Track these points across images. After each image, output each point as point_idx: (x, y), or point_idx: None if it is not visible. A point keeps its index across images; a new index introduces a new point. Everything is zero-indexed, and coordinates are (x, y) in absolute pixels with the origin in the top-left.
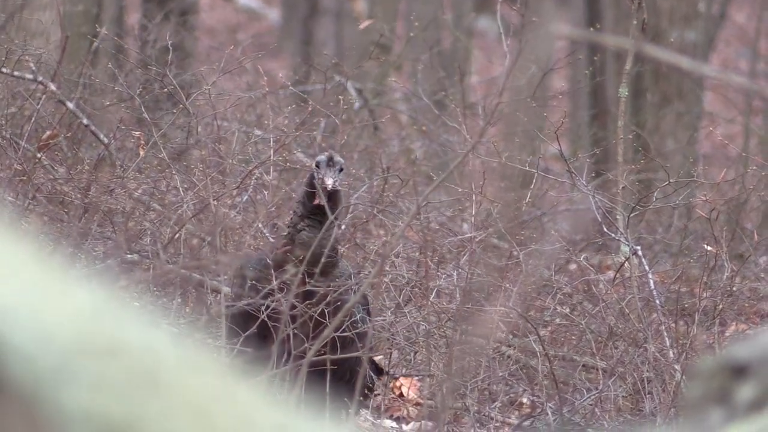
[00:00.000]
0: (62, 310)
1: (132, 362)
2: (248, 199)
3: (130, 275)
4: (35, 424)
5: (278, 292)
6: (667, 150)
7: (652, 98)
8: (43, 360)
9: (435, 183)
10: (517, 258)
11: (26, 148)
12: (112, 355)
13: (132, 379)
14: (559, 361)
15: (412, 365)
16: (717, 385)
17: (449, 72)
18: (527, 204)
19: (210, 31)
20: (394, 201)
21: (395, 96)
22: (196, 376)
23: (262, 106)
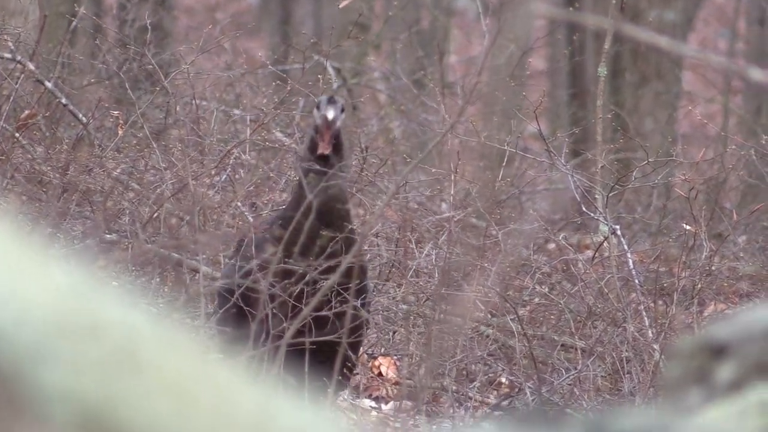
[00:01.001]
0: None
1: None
2: (227, 179)
3: (108, 255)
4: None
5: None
6: (646, 129)
7: (631, 78)
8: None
9: (414, 162)
10: (496, 237)
11: (4, 127)
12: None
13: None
14: (537, 341)
15: (391, 345)
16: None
17: (428, 51)
18: (506, 183)
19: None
20: (373, 180)
21: (374, 75)
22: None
23: (240, 85)
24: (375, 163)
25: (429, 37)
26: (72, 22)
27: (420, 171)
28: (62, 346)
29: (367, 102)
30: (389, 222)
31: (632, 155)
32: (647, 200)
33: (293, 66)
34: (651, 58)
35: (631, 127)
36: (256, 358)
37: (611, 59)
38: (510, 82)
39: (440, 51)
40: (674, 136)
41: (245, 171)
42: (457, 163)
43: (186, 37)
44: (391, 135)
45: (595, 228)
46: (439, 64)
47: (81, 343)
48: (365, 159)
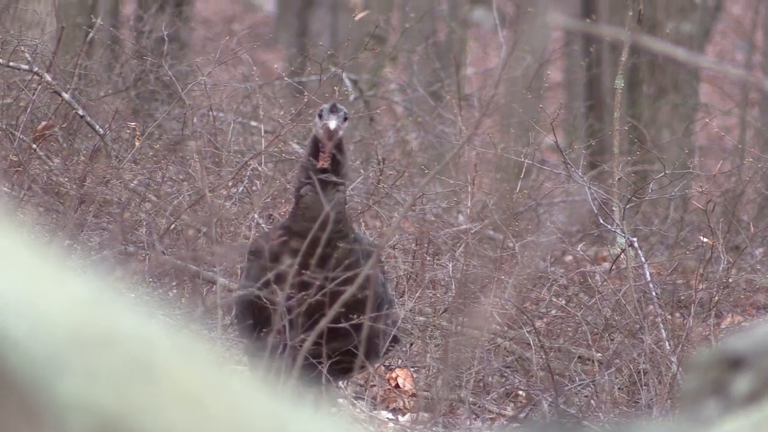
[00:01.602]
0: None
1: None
2: (244, 190)
3: (125, 266)
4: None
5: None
6: (663, 141)
7: (648, 90)
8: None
9: (430, 174)
10: (513, 249)
11: (22, 139)
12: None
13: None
14: (554, 353)
15: (408, 356)
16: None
17: (445, 63)
18: (523, 195)
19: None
20: (390, 192)
21: (391, 87)
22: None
23: (257, 97)
24: (392, 175)
25: (446, 49)
26: (89, 34)
27: (437, 183)
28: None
29: (383, 114)
30: (406, 234)
31: (649, 167)
32: (664, 212)
33: (310, 78)
34: (668, 70)
35: (648, 139)
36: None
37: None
38: (527, 94)
39: (457, 63)
40: (691, 149)
41: (262, 182)
42: (474, 175)
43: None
44: (408, 147)
45: (612, 240)
46: (456, 76)
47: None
48: (382, 171)
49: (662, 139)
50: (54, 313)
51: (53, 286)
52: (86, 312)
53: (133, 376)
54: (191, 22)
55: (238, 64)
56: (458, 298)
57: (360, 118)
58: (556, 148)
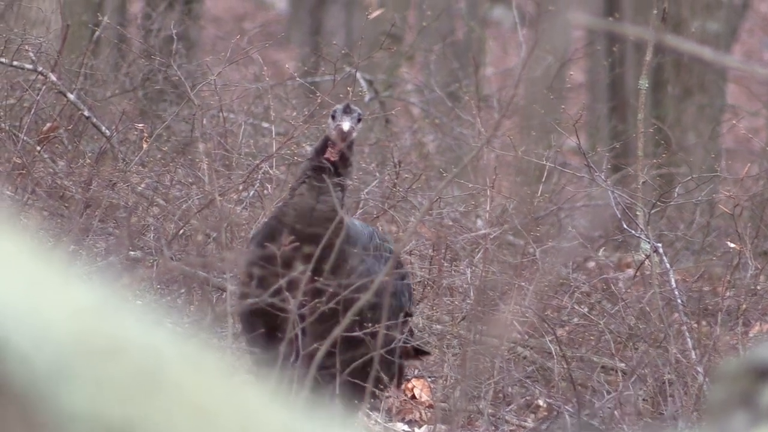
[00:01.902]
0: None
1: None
2: (255, 194)
3: (132, 273)
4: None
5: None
6: (689, 144)
7: (673, 90)
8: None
9: (448, 178)
10: (533, 255)
11: (25, 140)
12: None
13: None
14: (576, 363)
15: (425, 366)
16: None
17: (463, 63)
18: (544, 199)
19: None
20: (406, 196)
21: (407, 88)
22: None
23: (269, 97)
24: (408, 178)
25: (464, 49)
26: (95, 32)
27: (455, 186)
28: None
29: (399, 115)
30: (423, 239)
31: (675, 170)
32: (690, 217)
33: (323, 78)
34: (694, 69)
35: (674, 141)
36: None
37: (653, 71)
38: (548, 95)
39: (475, 62)
40: (718, 151)
41: (274, 186)
42: (494, 179)
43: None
44: (425, 149)
45: (636, 246)
46: (475, 76)
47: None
48: (398, 174)
49: (688, 142)
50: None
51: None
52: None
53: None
54: (201, 20)
55: (249, 64)
56: (477, 306)
57: (375, 120)
58: (578, 150)
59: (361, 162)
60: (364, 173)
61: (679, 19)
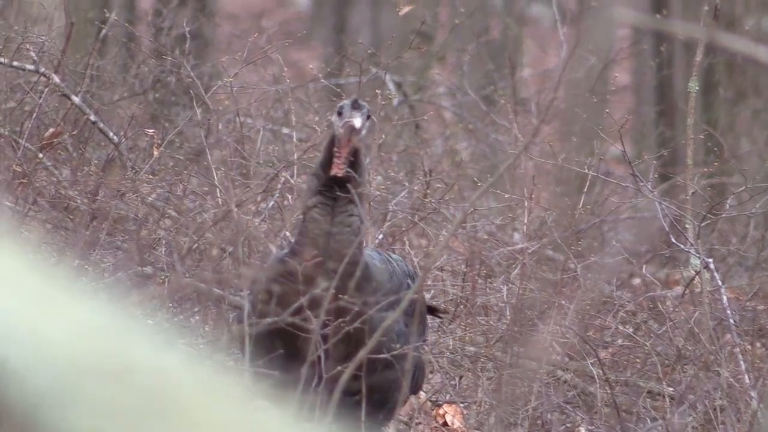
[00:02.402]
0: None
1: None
2: (274, 205)
3: (142, 290)
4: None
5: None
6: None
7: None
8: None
9: (483, 188)
10: (575, 272)
11: (27, 147)
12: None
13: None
14: (621, 387)
15: (457, 391)
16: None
17: (498, 64)
18: (585, 211)
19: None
20: (438, 208)
21: (438, 91)
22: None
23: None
24: (440, 188)
25: (500, 48)
26: (102, 30)
27: (490, 197)
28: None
29: (431, 120)
30: (455, 254)
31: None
32: (744, 230)
33: (348, 80)
34: (748, 71)
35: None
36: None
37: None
38: (590, 98)
39: (512, 63)
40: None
41: (294, 196)
42: (532, 189)
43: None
44: (458, 157)
45: (685, 261)
46: (511, 78)
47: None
48: (429, 184)
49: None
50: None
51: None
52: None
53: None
54: (216, 18)
55: (268, 65)
56: (514, 326)
57: (405, 126)
58: (623, 158)
59: (390, 171)
60: (393, 183)
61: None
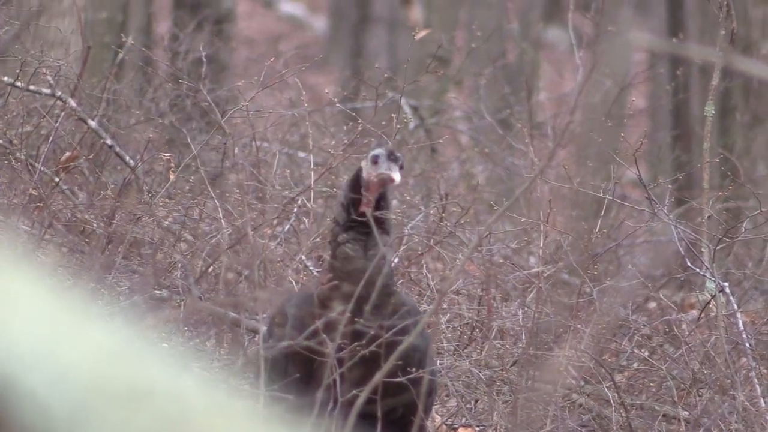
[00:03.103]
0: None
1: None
2: (290, 229)
3: (158, 313)
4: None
5: (323, 332)
6: (758, 175)
7: (742, 117)
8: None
9: (499, 211)
10: (590, 295)
11: (43, 171)
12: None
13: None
14: (636, 411)
15: (473, 414)
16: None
17: (515, 88)
18: (601, 235)
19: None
20: (453, 231)
21: (455, 114)
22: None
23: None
24: (456, 212)
25: (516, 72)
26: (118, 54)
27: (506, 221)
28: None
29: (447, 144)
30: (471, 278)
31: (743, 204)
32: (759, 254)
33: (365, 104)
34: (764, 95)
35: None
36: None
37: (720, 96)
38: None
39: (528, 87)
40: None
41: (311, 221)
42: (548, 213)
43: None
44: (474, 180)
45: (700, 285)
46: (527, 102)
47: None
48: (445, 207)
49: (757, 173)
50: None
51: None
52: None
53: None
54: (232, 42)
55: (285, 89)
56: (529, 350)
57: (421, 149)
58: (638, 182)
59: (406, 195)
60: (408, 206)
61: (749, 40)
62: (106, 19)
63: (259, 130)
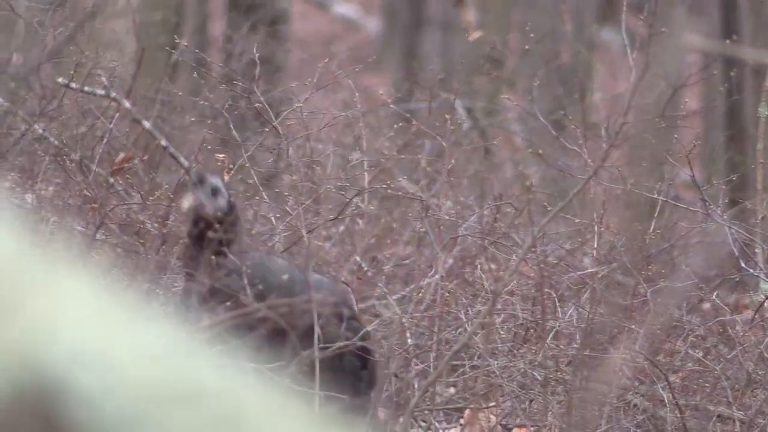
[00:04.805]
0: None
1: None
2: (345, 230)
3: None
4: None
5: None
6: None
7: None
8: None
9: (552, 212)
10: (644, 296)
11: (98, 172)
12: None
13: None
14: (691, 411)
15: (527, 414)
16: None
17: (568, 89)
18: (655, 236)
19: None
20: (508, 232)
21: (508, 116)
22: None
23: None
24: (509, 213)
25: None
26: (172, 55)
27: (559, 222)
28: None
29: (500, 145)
30: (525, 279)
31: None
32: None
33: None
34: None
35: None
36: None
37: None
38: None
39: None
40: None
41: (365, 222)
42: (601, 214)
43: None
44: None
45: (755, 286)
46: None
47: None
48: (499, 208)
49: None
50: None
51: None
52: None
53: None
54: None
55: (339, 90)
56: (583, 350)
57: (474, 150)
58: (692, 183)
59: (460, 196)
60: (463, 207)
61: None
62: (161, 21)
63: (313, 131)
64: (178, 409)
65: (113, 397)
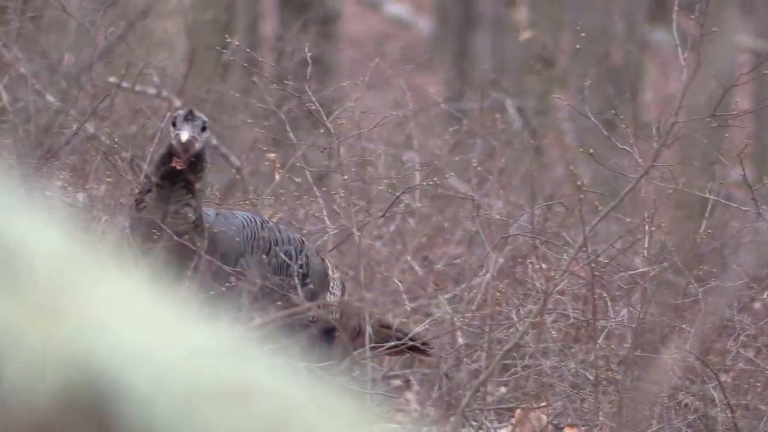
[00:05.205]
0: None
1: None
2: (396, 229)
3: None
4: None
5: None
6: None
7: None
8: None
9: (604, 212)
10: (696, 296)
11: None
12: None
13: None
14: (742, 411)
15: (579, 413)
16: None
17: (620, 89)
18: (707, 235)
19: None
20: (558, 232)
21: (559, 115)
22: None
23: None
24: (560, 212)
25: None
26: (223, 55)
27: (611, 221)
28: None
29: (551, 144)
30: (576, 278)
31: None
32: None
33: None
34: None
35: None
36: None
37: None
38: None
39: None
40: None
41: (416, 221)
42: (653, 213)
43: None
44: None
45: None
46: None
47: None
48: (549, 208)
49: None
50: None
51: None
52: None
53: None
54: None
55: (390, 89)
56: (634, 349)
57: (525, 150)
58: (744, 182)
59: (510, 195)
60: (514, 207)
61: None
62: (211, 20)
63: (364, 130)
64: (228, 407)
65: (164, 396)
